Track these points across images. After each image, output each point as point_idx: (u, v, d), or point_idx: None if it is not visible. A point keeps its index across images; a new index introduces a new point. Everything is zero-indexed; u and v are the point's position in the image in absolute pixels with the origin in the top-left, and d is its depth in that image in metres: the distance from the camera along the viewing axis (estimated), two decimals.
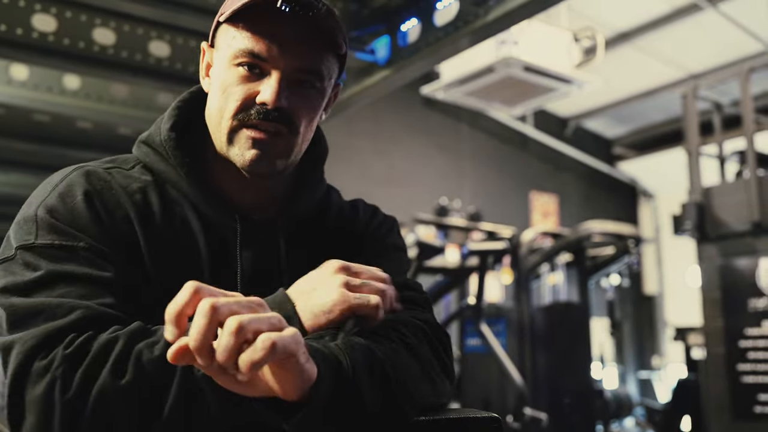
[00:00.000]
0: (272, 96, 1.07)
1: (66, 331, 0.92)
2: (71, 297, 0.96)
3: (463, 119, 9.52)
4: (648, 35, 8.37)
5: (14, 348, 0.93)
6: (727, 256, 5.44)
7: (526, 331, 6.25)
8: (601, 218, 8.61)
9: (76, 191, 1.06)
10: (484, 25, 2.78)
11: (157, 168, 1.15)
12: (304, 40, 1.09)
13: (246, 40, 1.08)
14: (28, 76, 3.64)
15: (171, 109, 1.20)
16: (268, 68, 1.09)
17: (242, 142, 1.10)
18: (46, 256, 1.00)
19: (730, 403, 5.29)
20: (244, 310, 0.77)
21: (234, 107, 1.10)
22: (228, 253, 1.15)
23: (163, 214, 1.12)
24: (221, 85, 1.11)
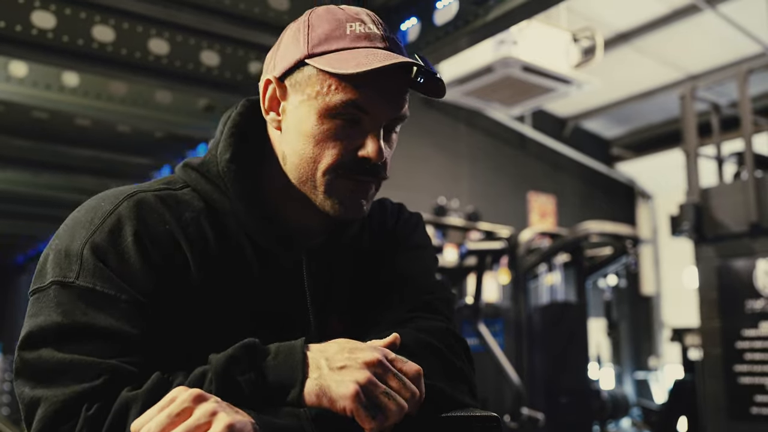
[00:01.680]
0: (377, 153, 1.06)
1: (90, 396, 0.91)
2: (101, 354, 0.94)
3: (461, 119, 9.52)
4: (646, 36, 8.38)
5: (39, 407, 0.92)
6: (724, 257, 5.44)
7: (523, 331, 6.26)
8: (598, 219, 8.61)
9: (126, 230, 1.02)
10: (484, 25, 2.78)
11: (210, 197, 1.12)
12: (401, 91, 1.09)
13: (349, 92, 1.04)
14: (27, 73, 3.63)
15: (226, 137, 1.15)
16: (367, 120, 1.07)
17: (342, 195, 1.09)
18: (83, 299, 0.97)
19: (726, 404, 5.30)
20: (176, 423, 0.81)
21: (333, 161, 1.07)
22: (288, 280, 1.14)
23: (218, 246, 1.09)
24: (314, 135, 1.07)
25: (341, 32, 1.07)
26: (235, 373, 0.90)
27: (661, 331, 11.53)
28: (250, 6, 2.99)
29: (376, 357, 0.92)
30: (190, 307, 1.04)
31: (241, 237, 1.11)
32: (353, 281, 1.21)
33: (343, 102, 1.04)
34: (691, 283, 8.72)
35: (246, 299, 1.09)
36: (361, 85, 1.04)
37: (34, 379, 0.94)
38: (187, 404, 0.82)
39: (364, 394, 0.88)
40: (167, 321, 1.01)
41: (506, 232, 6.61)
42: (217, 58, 3.48)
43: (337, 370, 0.91)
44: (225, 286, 1.07)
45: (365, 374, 0.90)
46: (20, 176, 5.55)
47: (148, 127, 4.50)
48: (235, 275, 1.09)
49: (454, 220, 7.61)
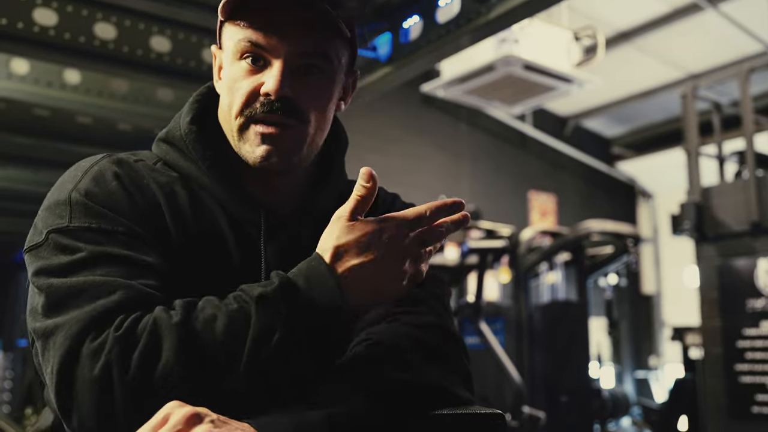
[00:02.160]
0: (274, 85, 1.05)
1: (113, 312, 0.90)
2: (114, 276, 0.94)
3: (461, 118, 9.52)
4: (648, 35, 8.38)
5: (58, 333, 0.90)
6: (725, 257, 5.44)
7: (524, 329, 6.26)
8: (599, 218, 8.60)
9: (109, 175, 1.05)
10: (486, 23, 2.78)
11: (178, 165, 1.14)
12: (306, 26, 1.07)
13: (245, 32, 1.06)
14: (29, 71, 3.63)
15: (189, 104, 1.19)
16: (270, 58, 1.07)
17: (252, 139, 1.09)
18: (82, 238, 0.98)
19: (727, 403, 5.30)
20: None
21: (240, 102, 1.08)
22: (253, 248, 1.13)
23: (191, 207, 1.10)
24: (228, 82, 1.10)
25: None
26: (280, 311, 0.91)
27: (661, 330, 11.54)
28: None
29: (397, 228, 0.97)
30: (166, 255, 1.04)
31: (212, 203, 1.13)
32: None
33: (240, 41, 1.07)
34: (692, 282, 8.71)
35: (214, 263, 1.09)
36: (256, 24, 1.06)
37: (49, 310, 0.93)
38: (181, 426, 0.79)
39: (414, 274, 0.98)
40: (162, 255, 1.03)
41: (507, 231, 6.60)
42: None
43: (371, 270, 0.95)
44: (196, 249, 1.08)
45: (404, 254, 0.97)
46: (21, 174, 5.54)
47: (149, 125, 4.49)
48: (205, 240, 1.10)
49: None
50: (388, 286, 0.96)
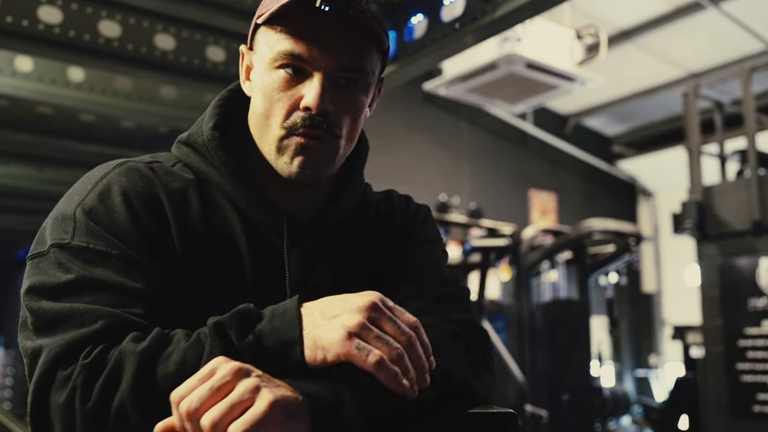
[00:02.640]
0: (315, 100, 1.04)
1: (89, 340, 0.92)
2: (100, 304, 0.95)
3: (462, 116, 9.52)
4: (650, 33, 8.38)
5: (39, 357, 0.93)
6: (727, 255, 5.45)
7: (525, 328, 6.26)
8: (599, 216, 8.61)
9: (114, 191, 1.05)
10: (491, 22, 2.78)
11: (198, 168, 1.13)
12: (346, 38, 1.06)
13: (286, 42, 1.05)
14: (33, 68, 3.63)
15: (212, 108, 1.18)
16: (310, 70, 1.06)
17: (289, 151, 1.08)
18: (79, 258, 0.99)
19: (728, 402, 5.30)
20: (218, 397, 0.80)
21: (281, 115, 1.07)
22: (272, 255, 1.13)
23: (203, 215, 1.10)
24: (264, 90, 1.08)
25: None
26: (232, 338, 0.89)
27: (661, 329, 11.55)
28: (256, 1, 2.99)
29: (369, 300, 0.90)
30: (174, 272, 1.05)
31: (228, 208, 1.12)
32: (347, 263, 1.20)
33: (280, 52, 1.05)
34: (693, 280, 8.72)
35: (229, 270, 1.09)
36: (298, 34, 1.04)
37: (36, 330, 0.96)
38: (229, 378, 0.81)
39: (355, 337, 0.86)
40: (157, 278, 1.03)
41: (509, 230, 6.61)
42: (223, 54, 3.47)
43: (330, 319, 0.89)
44: (208, 257, 1.08)
45: (356, 318, 0.87)
46: (23, 171, 5.54)
47: (153, 123, 4.50)
48: (219, 247, 1.09)
49: (456, 217, 7.61)
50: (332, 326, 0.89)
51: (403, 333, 0.89)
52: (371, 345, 0.86)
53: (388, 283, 1.18)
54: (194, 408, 0.79)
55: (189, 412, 0.79)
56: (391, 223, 1.27)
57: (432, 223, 1.33)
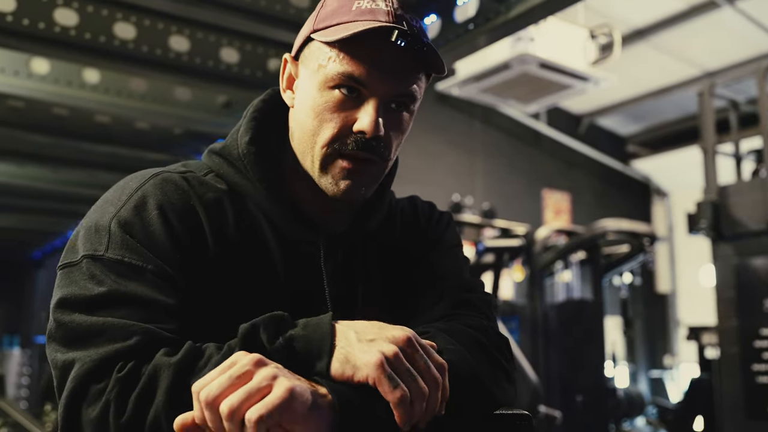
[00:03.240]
0: (371, 126, 1.04)
1: (123, 355, 0.92)
2: (133, 319, 0.95)
3: (476, 116, 9.51)
4: (664, 32, 8.33)
5: (71, 370, 0.93)
6: (742, 256, 5.41)
7: (539, 328, 6.25)
8: (613, 216, 8.57)
9: (150, 203, 1.05)
10: (504, 23, 2.77)
11: (232, 180, 1.13)
12: (405, 66, 1.07)
13: (345, 64, 1.04)
14: (49, 70, 3.66)
15: (247, 121, 1.17)
16: (366, 93, 1.06)
17: (336, 172, 1.08)
18: (113, 271, 0.99)
19: (743, 404, 5.26)
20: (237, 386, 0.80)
21: (329, 135, 1.07)
22: (307, 267, 1.14)
23: (238, 227, 1.10)
24: (314, 108, 1.08)
25: (347, 8, 1.07)
26: (262, 341, 0.90)
27: (676, 330, 11.48)
28: (270, 3, 3.00)
29: (406, 335, 0.90)
30: (208, 284, 1.05)
31: (262, 220, 1.13)
32: (378, 274, 1.21)
33: (339, 73, 1.04)
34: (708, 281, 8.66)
35: (263, 282, 1.10)
36: (359, 57, 1.04)
37: (67, 343, 0.95)
38: (248, 368, 0.82)
39: (388, 365, 0.86)
40: (192, 293, 1.03)
41: (522, 230, 6.60)
42: (237, 55, 3.49)
43: (365, 342, 0.89)
44: (242, 267, 1.09)
45: (392, 347, 0.87)
46: (40, 172, 5.59)
47: (167, 124, 4.52)
48: (253, 258, 1.10)
49: (469, 217, 7.59)
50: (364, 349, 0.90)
51: (432, 377, 0.89)
52: (401, 378, 0.86)
53: (414, 289, 1.20)
54: (213, 396, 0.80)
55: (208, 401, 0.79)
56: (415, 229, 1.28)
57: (454, 229, 1.34)
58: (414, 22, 1.10)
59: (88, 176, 5.62)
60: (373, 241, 1.22)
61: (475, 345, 1.07)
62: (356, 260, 1.19)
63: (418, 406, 0.87)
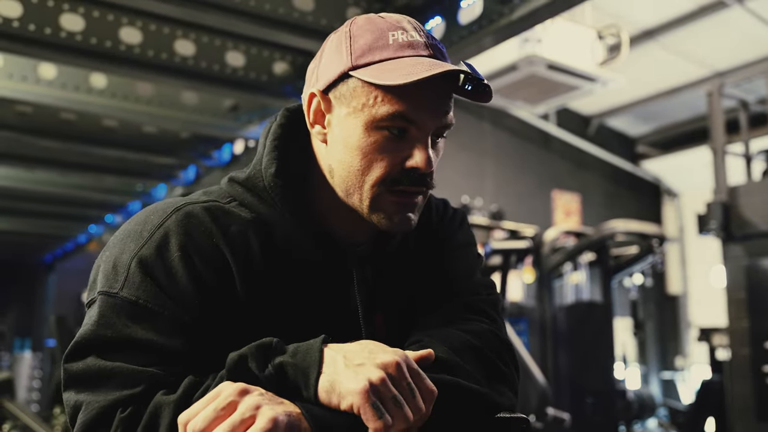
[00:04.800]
0: (425, 163, 1.05)
1: (129, 402, 0.94)
2: (140, 363, 0.96)
3: (485, 117, 9.49)
4: (673, 33, 8.30)
5: (81, 412, 0.96)
6: (753, 256, 5.37)
7: (548, 330, 6.23)
8: (624, 217, 8.54)
9: (173, 244, 1.03)
10: (509, 24, 2.76)
11: (257, 210, 1.12)
12: (448, 101, 1.08)
13: (396, 104, 1.03)
14: (56, 75, 3.68)
15: (269, 151, 1.14)
16: (414, 129, 1.05)
17: (389, 208, 1.08)
18: (124, 312, 1.00)
19: (755, 405, 5.23)
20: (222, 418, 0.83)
21: (380, 174, 1.06)
22: (339, 293, 1.14)
23: (264, 257, 1.09)
24: (359, 148, 1.06)
25: (384, 42, 1.06)
26: (251, 369, 0.91)
27: (687, 331, 11.42)
28: (275, 6, 3.00)
29: (394, 359, 0.90)
30: (236, 321, 1.04)
31: (289, 248, 1.11)
32: (400, 283, 1.21)
33: (389, 113, 1.03)
34: (719, 282, 8.61)
35: (293, 311, 1.09)
36: (406, 96, 1.02)
37: (80, 386, 0.98)
38: (232, 398, 0.84)
39: (373, 393, 0.86)
40: (212, 335, 1.02)
41: (531, 231, 6.58)
42: (243, 59, 3.49)
43: (352, 367, 0.89)
44: (271, 299, 1.08)
45: (379, 373, 0.88)
46: (48, 176, 5.62)
47: (174, 128, 4.54)
48: (282, 288, 1.09)
49: (478, 218, 7.58)
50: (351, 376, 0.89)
51: (417, 407, 0.90)
52: (385, 406, 0.87)
53: (427, 292, 1.20)
54: (199, 429, 0.82)
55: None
56: (428, 228, 1.27)
57: (467, 228, 1.34)
58: (442, 46, 1.10)
59: (97, 180, 5.65)
60: (393, 253, 1.22)
61: (470, 351, 1.07)
62: (383, 277, 1.19)
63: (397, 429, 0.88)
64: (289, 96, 3.59)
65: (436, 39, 1.10)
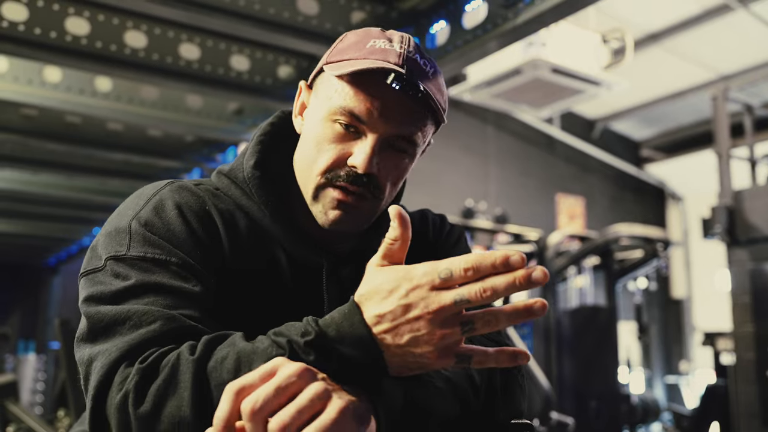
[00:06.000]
0: (364, 162, 1.06)
1: (150, 342, 0.92)
2: (158, 306, 0.96)
3: (488, 121, 9.49)
4: (677, 36, 8.29)
5: (99, 359, 0.93)
6: (757, 261, 5.36)
7: (552, 334, 6.22)
8: (628, 221, 8.53)
9: (168, 204, 1.08)
10: (513, 28, 2.76)
11: (238, 201, 1.16)
12: (407, 110, 1.07)
13: (348, 99, 1.06)
14: (61, 79, 3.69)
15: (254, 144, 1.19)
16: (365, 130, 1.07)
17: (326, 201, 1.10)
18: (137, 267, 1.00)
19: (760, 410, 5.22)
20: (284, 398, 0.76)
21: (324, 165, 1.09)
22: (311, 287, 1.16)
23: (249, 237, 1.13)
24: (315, 138, 1.10)
25: (362, 45, 1.09)
26: (299, 346, 0.85)
27: (692, 335, 11.39)
28: (279, 11, 3.01)
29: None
30: (221, 287, 1.06)
31: (269, 239, 1.15)
32: None
33: (340, 107, 1.06)
34: (723, 286, 8.59)
35: (270, 294, 1.11)
36: (360, 94, 1.05)
37: (94, 337, 0.96)
38: (294, 379, 0.77)
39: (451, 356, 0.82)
40: (212, 286, 1.05)
41: (535, 235, 6.57)
42: (247, 63, 3.50)
43: (410, 334, 0.82)
44: (252, 278, 1.10)
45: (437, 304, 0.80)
46: (53, 179, 5.64)
47: (179, 131, 4.55)
48: (262, 270, 1.12)
49: (482, 222, 7.58)
50: (415, 349, 0.83)
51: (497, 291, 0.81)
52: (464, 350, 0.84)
53: None
54: (259, 407, 0.75)
55: (254, 411, 0.75)
56: (424, 243, 1.28)
57: (465, 244, 1.35)
58: (427, 66, 1.09)
59: (102, 183, 5.66)
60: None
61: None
62: (358, 277, 1.18)
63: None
64: (293, 99, 3.60)
65: (425, 56, 1.10)
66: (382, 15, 3.16)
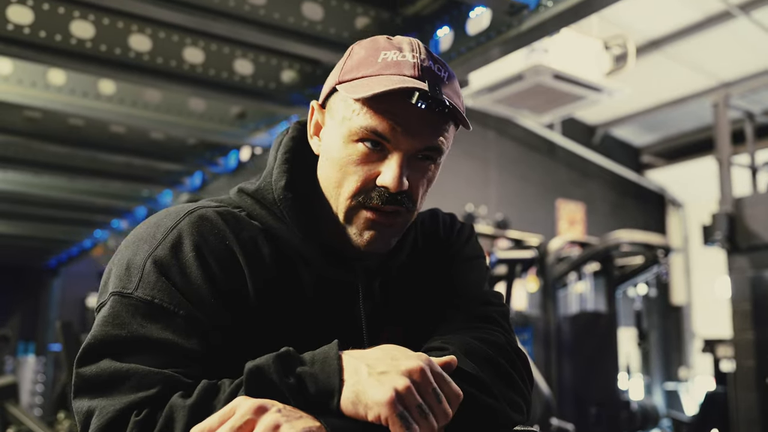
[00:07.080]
0: (395, 181, 1.03)
1: (146, 404, 0.92)
2: (155, 364, 0.95)
3: (490, 126, 9.50)
4: (679, 43, 8.31)
5: (96, 416, 0.93)
6: (758, 268, 5.36)
7: (552, 340, 6.22)
8: (628, 227, 8.53)
9: (187, 244, 1.04)
10: (517, 36, 2.76)
11: (265, 222, 1.12)
12: (430, 123, 1.06)
13: (369, 119, 1.03)
14: (65, 82, 3.69)
15: (280, 163, 1.15)
16: (390, 148, 1.05)
17: (360, 223, 1.08)
18: (139, 312, 0.98)
19: (759, 417, 5.21)
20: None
21: (353, 189, 1.07)
22: (344, 303, 1.14)
23: (274, 264, 1.09)
24: (339, 161, 1.07)
25: (373, 60, 1.07)
26: (272, 380, 0.89)
27: (691, 342, 11.39)
28: (284, 15, 3.01)
29: (419, 365, 0.88)
30: (246, 324, 1.04)
31: (297, 260, 1.12)
32: (408, 296, 1.21)
33: (362, 127, 1.04)
34: (723, 293, 8.59)
35: (301, 320, 1.09)
36: (380, 112, 1.03)
37: (93, 391, 0.95)
38: (249, 416, 0.81)
39: (400, 403, 0.85)
40: (227, 337, 1.02)
41: (536, 241, 6.58)
42: (251, 67, 3.51)
43: (376, 375, 0.87)
44: (280, 306, 1.08)
45: (404, 382, 0.86)
46: (56, 181, 5.64)
47: (181, 134, 4.55)
48: (290, 296, 1.09)
49: (482, 227, 7.58)
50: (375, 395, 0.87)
51: (443, 412, 0.89)
52: (412, 415, 0.85)
53: (437, 304, 1.20)
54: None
55: None
56: (435, 242, 1.28)
57: (475, 241, 1.34)
58: (442, 72, 1.08)
59: (103, 185, 5.66)
60: (402, 267, 1.22)
61: (487, 361, 1.06)
62: (389, 293, 1.19)
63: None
64: (297, 104, 3.60)
65: (437, 61, 1.09)
66: (386, 21, 3.17)
